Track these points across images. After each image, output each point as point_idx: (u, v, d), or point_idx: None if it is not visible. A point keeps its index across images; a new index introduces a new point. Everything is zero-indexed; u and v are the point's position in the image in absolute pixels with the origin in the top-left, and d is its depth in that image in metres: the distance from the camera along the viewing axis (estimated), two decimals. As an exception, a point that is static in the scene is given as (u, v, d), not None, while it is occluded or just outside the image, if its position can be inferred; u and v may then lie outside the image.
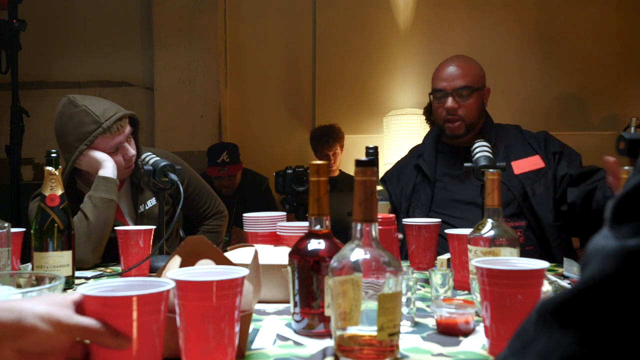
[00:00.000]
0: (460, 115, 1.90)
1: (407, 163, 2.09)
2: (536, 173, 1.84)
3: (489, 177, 1.07)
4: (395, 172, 2.12)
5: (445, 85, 1.91)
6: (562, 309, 0.45)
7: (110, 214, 1.68)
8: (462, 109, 1.90)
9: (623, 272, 0.42)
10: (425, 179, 1.98)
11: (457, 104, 1.89)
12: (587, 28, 4.01)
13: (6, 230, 1.26)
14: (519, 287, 0.80)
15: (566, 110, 4.01)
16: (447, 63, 1.96)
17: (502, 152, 1.90)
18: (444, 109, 1.91)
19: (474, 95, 1.90)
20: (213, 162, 3.48)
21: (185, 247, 0.88)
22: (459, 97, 1.90)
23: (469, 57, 1.99)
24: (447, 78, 1.91)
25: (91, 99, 1.76)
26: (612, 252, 0.42)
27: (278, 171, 3.08)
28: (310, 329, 0.93)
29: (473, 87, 1.90)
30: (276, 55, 4.21)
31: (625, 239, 0.42)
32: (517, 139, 1.95)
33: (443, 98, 1.91)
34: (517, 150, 1.91)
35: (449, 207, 1.90)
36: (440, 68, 1.96)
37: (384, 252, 0.81)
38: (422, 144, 2.14)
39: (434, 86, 1.95)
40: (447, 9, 4.10)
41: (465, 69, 1.92)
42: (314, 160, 0.92)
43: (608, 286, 0.42)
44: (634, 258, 0.41)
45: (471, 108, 1.91)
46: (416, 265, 1.54)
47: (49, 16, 3.97)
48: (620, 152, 0.73)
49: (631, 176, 0.45)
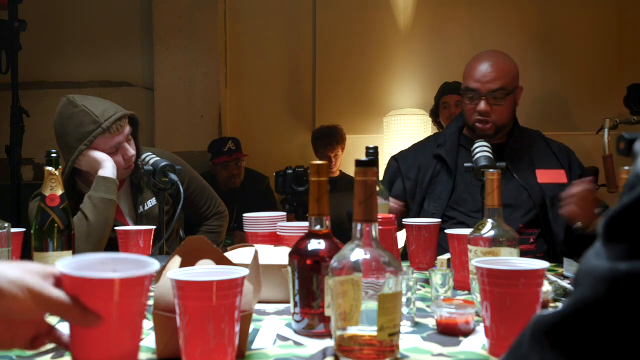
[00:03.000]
0: (493, 118, 1.80)
1: (425, 150, 1.96)
2: (559, 187, 1.76)
3: (489, 177, 1.07)
4: (412, 154, 1.98)
5: (479, 86, 1.78)
6: (554, 330, 0.45)
7: (110, 214, 1.68)
8: (495, 112, 1.79)
9: (612, 297, 0.42)
10: (446, 169, 1.87)
11: (490, 107, 1.78)
12: (587, 28, 4.00)
13: (6, 230, 1.26)
14: (519, 287, 0.80)
15: (566, 110, 4.02)
16: (481, 60, 1.82)
17: (526, 158, 1.84)
18: (476, 110, 1.80)
19: (508, 97, 1.80)
20: (219, 151, 3.51)
21: (185, 247, 0.88)
22: (492, 99, 1.78)
23: (504, 54, 1.87)
24: (481, 78, 1.78)
25: (91, 99, 1.76)
26: (603, 276, 0.43)
27: (278, 171, 3.08)
28: (310, 329, 0.93)
29: (508, 89, 1.79)
30: (276, 55, 4.21)
31: (617, 260, 0.42)
32: (542, 146, 1.88)
33: (475, 99, 1.80)
34: (542, 158, 1.84)
35: (467, 205, 1.81)
36: (473, 65, 1.82)
37: (384, 252, 0.81)
38: (441, 133, 2.02)
39: (466, 84, 1.82)
40: (447, 8, 4.10)
41: (501, 69, 1.79)
42: (314, 160, 0.92)
43: (597, 310, 0.43)
44: (624, 283, 0.41)
45: (504, 111, 1.81)
46: (416, 265, 1.54)
47: (49, 16, 3.97)
48: (620, 152, 0.73)
49: (624, 192, 0.45)
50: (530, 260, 0.87)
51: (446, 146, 1.91)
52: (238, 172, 3.56)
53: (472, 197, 1.82)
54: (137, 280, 0.64)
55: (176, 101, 3.97)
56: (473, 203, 1.81)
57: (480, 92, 1.79)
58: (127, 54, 4.07)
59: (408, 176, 1.91)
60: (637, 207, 0.42)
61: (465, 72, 1.85)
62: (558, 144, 1.93)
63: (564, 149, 1.91)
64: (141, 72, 4.09)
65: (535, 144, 1.90)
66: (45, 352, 0.86)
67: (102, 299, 0.62)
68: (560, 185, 1.78)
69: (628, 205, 0.43)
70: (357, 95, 4.14)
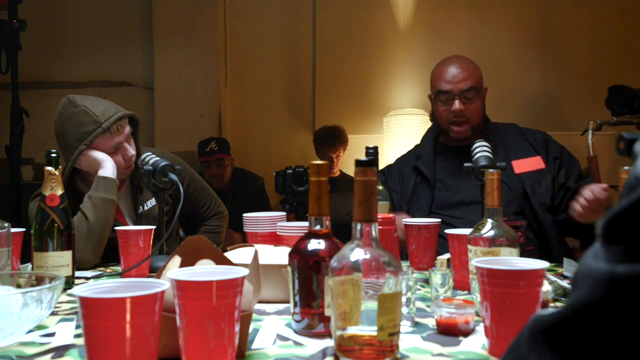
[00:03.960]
0: (468, 118, 1.88)
1: (407, 163, 2.06)
2: (536, 173, 1.83)
3: (489, 177, 1.07)
4: (396, 167, 2.08)
5: (451, 87, 1.87)
6: (552, 331, 0.45)
7: (110, 214, 1.68)
8: (469, 111, 1.88)
9: (610, 299, 0.42)
10: (425, 180, 1.95)
11: (464, 107, 1.87)
12: (587, 28, 4.01)
13: (6, 230, 1.26)
14: (519, 287, 0.80)
15: (565, 110, 4.01)
16: (448, 64, 1.92)
17: (501, 151, 1.89)
18: (451, 111, 1.88)
19: (479, 96, 1.89)
20: (202, 151, 3.55)
21: (185, 247, 0.88)
22: (465, 99, 1.87)
23: (466, 57, 1.96)
24: (453, 80, 1.88)
25: (91, 99, 1.76)
26: (601, 278, 0.43)
27: (278, 171, 3.08)
28: (310, 329, 0.93)
29: (478, 88, 1.89)
30: (276, 55, 4.21)
31: (615, 263, 0.42)
32: (517, 137, 1.93)
33: (449, 100, 1.88)
34: (518, 149, 1.89)
35: (450, 208, 1.89)
36: (442, 69, 1.92)
37: (384, 252, 0.81)
38: (419, 145, 2.11)
39: (438, 87, 1.91)
40: (447, 8, 4.10)
41: (469, 70, 1.89)
42: (314, 160, 0.92)
43: (595, 312, 0.43)
44: (622, 285, 0.41)
45: (478, 109, 1.90)
46: (416, 265, 1.54)
47: (49, 16, 3.97)
48: (620, 152, 0.72)
49: (623, 194, 0.45)
50: (530, 260, 0.87)
51: (422, 157, 1.99)
52: (219, 173, 3.55)
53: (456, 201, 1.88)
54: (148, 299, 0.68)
55: (176, 101, 3.97)
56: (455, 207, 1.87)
57: (454, 93, 1.87)
58: (127, 54, 4.07)
59: (394, 189, 2.00)
60: (636, 210, 0.42)
61: (434, 77, 1.94)
62: (534, 132, 1.97)
63: (540, 135, 1.95)
64: (141, 72, 4.09)
65: (509, 136, 1.94)
66: (45, 352, 0.86)
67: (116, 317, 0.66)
68: (539, 171, 1.84)
69: (627, 207, 0.43)
70: (357, 95, 4.14)
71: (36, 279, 1.06)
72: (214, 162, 3.52)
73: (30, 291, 0.90)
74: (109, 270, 1.60)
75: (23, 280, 1.10)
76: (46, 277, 1.03)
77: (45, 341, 0.92)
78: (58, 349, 0.88)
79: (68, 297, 1.26)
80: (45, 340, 0.92)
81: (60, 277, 0.96)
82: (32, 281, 1.07)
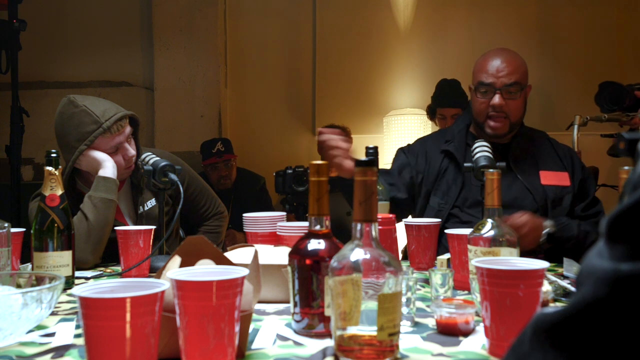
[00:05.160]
0: (508, 114, 1.79)
1: (433, 145, 1.95)
2: (561, 189, 1.78)
3: (489, 177, 1.07)
4: (420, 147, 1.97)
5: (494, 80, 1.78)
6: (555, 330, 0.45)
7: (110, 214, 1.68)
8: (509, 107, 1.79)
9: (614, 298, 0.42)
10: (455, 166, 1.85)
11: (504, 102, 1.77)
12: (586, 28, 4.01)
13: (6, 230, 1.26)
14: (519, 287, 0.80)
15: (565, 110, 4.01)
16: (494, 56, 1.83)
17: (530, 158, 1.83)
18: (490, 105, 1.79)
19: (522, 94, 1.81)
20: (208, 153, 3.51)
21: (185, 247, 0.88)
22: (507, 94, 1.78)
23: (514, 51, 1.88)
24: (496, 73, 1.78)
25: (91, 99, 1.76)
26: (605, 276, 0.43)
27: (278, 171, 3.07)
28: (310, 329, 0.93)
29: (522, 84, 1.80)
30: (276, 55, 4.21)
31: (619, 261, 0.42)
32: (547, 148, 1.88)
33: (489, 94, 1.79)
34: (546, 160, 1.84)
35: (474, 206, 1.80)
36: (486, 60, 1.83)
37: (384, 252, 0.81)
38: (449, 130, 2.01)
39: (479, 79, 1.81)
40: (447, 8, 4.10)
41: (515, 64, 1.80)
42: (314, 160, 0.92)
43: (599, 311, 0.43)
44: (626, 284, 0.41)
45: (518, 107, 1.81)
46: (416, 265, 1.54)
47: (49, 16, 3.97)
48: (620, 152, 0.73)
49: (626, 193, 0.45)
50: (530, 260, 0.87)
51: (454, 143, 1.90)
52: (228, 173, 3.54)
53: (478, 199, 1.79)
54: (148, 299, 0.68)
55: (176, 101, 3.97)
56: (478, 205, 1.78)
57: (495, 86, 1.78)
58: (127, 54, 4.06)
59: (417, 168, 1.91)
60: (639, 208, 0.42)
61: (477, 68, 1.85)
62: (562, 146, 1.92)
63: (567, 151, 1.90)
64: (141, 72, 4.09)
65: (540, 145, 1.89)
66: (45, 352, 0.86)
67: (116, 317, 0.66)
68: (563, 187, 1.79)
69: (631, 205, 0.43)
70: (357, 95, 4.14)
71: (36, 279, 1.06)
72: (221, 163, 3.51)
73: (30, 291, 0.90)
74: (108, 271, 1.60)
75: (23, 280, 1.10)
76: (46, 277, 1.03)
77: (45, 341, 0.92)
78: (58, 349, 0.88)
79: (68, 297, 1.26)
80: (45, 340, 0.92)
81: (60, 277, 0.96)
82: (32, 281, 1.07)
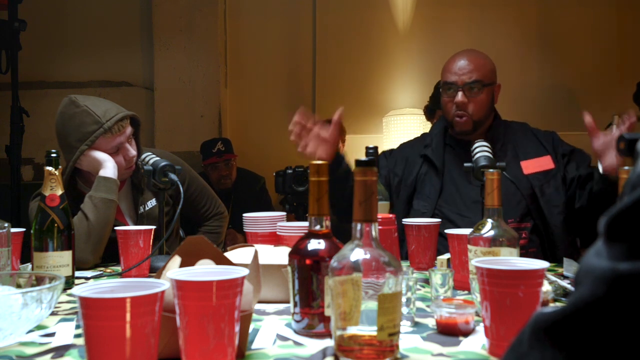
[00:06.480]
0: (469, 111, 1.85)
1: (412, 150, 2.01)
2: (545, 174, 1.81)
3: (489, 177, 1.07)
4: (400, 152, 2.04)
5: (456, 79, 1.85)
6: (554, 328, 0.45)
7: (110, 214, 1.68)
8: (471, 105, 1.85)
9: (612, 297, 0.42)
10: (433, 169, 1.92)
11: (466, 99, 1.85)
12: (586, 28, 4.01)
13: (6, 230, 1.26)
14: (519, 287, 0.80)
15: (565, 109, 4.01)
16: (458, 56, 1.91)
17: (510, 150, 1.87)
18: (454, 103, 1.86)
19: (484, 90, 1.86)
20: (209, 152, 3.51)
21: (185, 247, 0.88)
22: (469, 91, 1.85)
23: (480, 52, 1.94)
24: (458, 72, 1.86)
25: (93, 99, 1.76)
26: (603, 275, 0.43)
27: (278, 171, 3.07)
28: (310, 329, 0.93)
29: (484, 82, 1.86)
30: (276, 55, 4.21)
31: (617, 260, 0.42)
32: (527, 137, 1.91)
33: (453, 92, 1.87)
34: (527, 149, 1.87)
35: (456, 204, 1.85)
36: (451, 61, 1.91)
37: (384, 252, 0.81)
38: (428, 133, 2.07)
39: (444, 79, 1.90)
40: (447, 9, 4.10)
41: (477, 63, 1.87)
42: (314, 160, 0.92)
43: (597, 310, 0.43)
44: (624, 283, 0.41)
45: (481, 104, 1.86)
46: (416, 265, 1.54)
47: (49, 16, 3.97)
48: (620, 152, 0.73)
49: (625, 192, 0.45)
50: (530, 260, 0.87)
51: (432, 146, 1.96)
52: (228, 173, 3.54)
53: (462, 196, 1.85)
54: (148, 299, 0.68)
55: (176, 101, 3.97)
56: (462, 202, 1.84)
57: (457, 85, 1.86)
58: (127, 54, 4.07)
59: (395, 172, 1.97)
60: (639, 207, 0.42)
61: (444, 69, 1.93)
62: (544, 132, 1.95)
63: (549, 134, 1.93)
64: (141, 72, 4.09)
65: (519, 135, 1.92)
66: (45, 352, 0.86)
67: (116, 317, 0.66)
68: (548, 171, 1.82)
69: (630, 204, 0.43)
70: (357, 95, 4.14)
71: (36, 279, 1.06)
72: (222, 163, 3.51)
73: (30, 291, 0.90)
74: (108, 271, 1.60)
75: (23, 280, 1.10)
76: (46, 277, 1.03)
77: (45, 341, 0.92)
78: (58, 349, 0.88)
79: (68, 297, 1.26)
80: (45, 340, 0.92)
81: (60, 277, 0.96)
82: (32, 281, 1.07)
